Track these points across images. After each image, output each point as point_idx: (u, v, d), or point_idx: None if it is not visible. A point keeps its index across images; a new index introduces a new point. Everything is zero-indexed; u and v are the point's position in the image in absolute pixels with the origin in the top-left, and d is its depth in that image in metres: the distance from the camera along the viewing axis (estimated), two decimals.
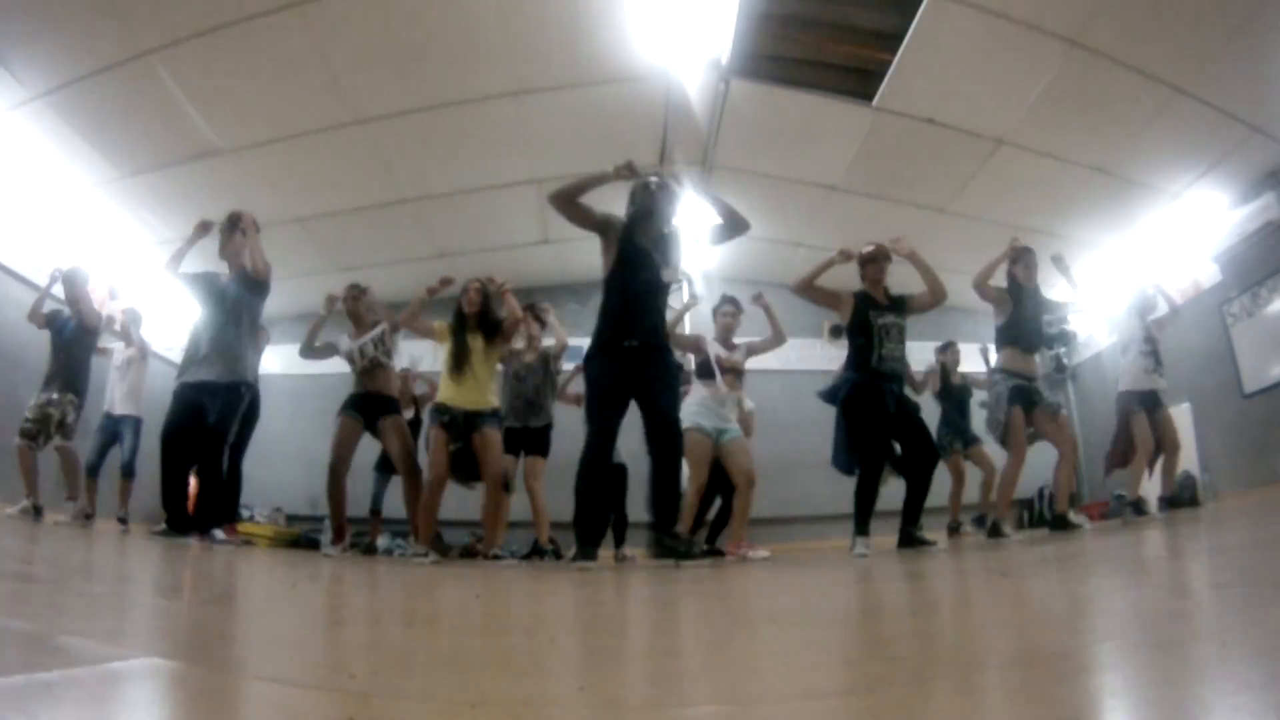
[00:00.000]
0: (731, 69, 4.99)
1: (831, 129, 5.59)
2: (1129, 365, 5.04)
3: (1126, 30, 4.43)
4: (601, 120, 5.40)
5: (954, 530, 5.61)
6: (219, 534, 3.87)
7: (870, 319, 3.88)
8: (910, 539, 3.69)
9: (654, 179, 3.37)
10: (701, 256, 6.76)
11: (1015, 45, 4.60)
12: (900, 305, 3.98)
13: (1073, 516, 4.17)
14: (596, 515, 3.15)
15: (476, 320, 4.09)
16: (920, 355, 5.85)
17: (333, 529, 4.33)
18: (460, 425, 3.93)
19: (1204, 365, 6.30)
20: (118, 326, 5.53)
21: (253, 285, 4.04)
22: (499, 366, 4.45)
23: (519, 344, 4.77)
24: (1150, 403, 4.96)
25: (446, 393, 4.00)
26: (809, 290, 3.96)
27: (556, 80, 5.02)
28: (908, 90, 5.10)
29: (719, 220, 3.42)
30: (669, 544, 2.96)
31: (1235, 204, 5.89)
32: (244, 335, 4.00)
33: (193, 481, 4.05)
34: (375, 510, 5.70)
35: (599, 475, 3.17)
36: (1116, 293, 5.63)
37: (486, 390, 4.06)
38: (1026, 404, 4.28)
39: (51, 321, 4.84)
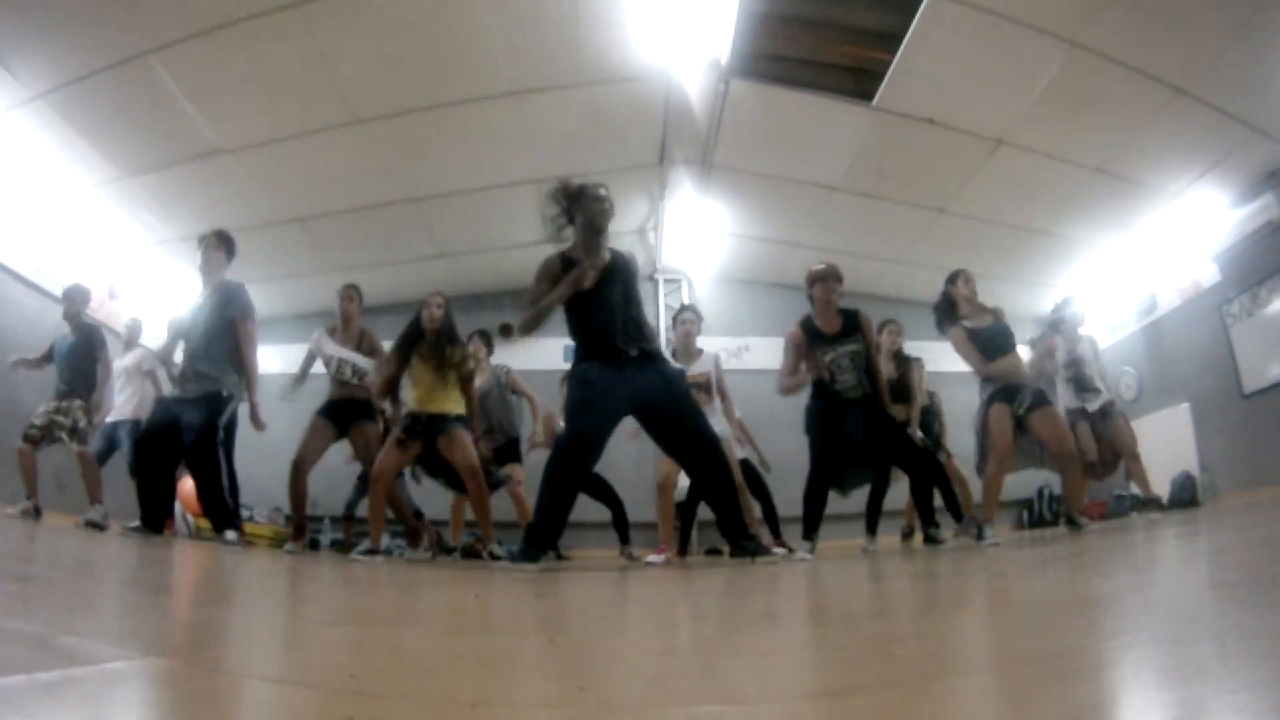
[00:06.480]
0: (731, 69, 4.99)
1: (831, 129, 5.59)
2: (1059, 391, 5.06)
3: (1126, 30, 4.43)
4: (601, 120, 5.41)
5: (906, 536, 5.56)
6: (230, 535, 3.90)
7: (817, 357, 3.82)
8: (928, 538, 3.79)
9: (602, 189, 3.30)
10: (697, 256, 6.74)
11: (1015, 45, 4.60)
12: (851, 327, 3.81)
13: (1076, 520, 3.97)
14: (562, 519, 3.07)
15: (435, 337, 3.95)
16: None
17: (293, 526, 4.36)
18: (423, 427, 3.88)
19: (1204, 365, 6.30)
20: (121, 329, 5.52)
21: (218, 304, 4.10)
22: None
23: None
24: (1096, 415, 4.95)
25: (413, 402, 4.00)
26: (793, 390, 3.95)
27: (556, 80, 5.02)
28: (908, 90, 5.10)
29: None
30: (746, 545, 3.16)
31: (1235, 204, 5.89)
32: (215, 352, 4.03)
33: (189, 482, 4.08)
34: (416, 513, 5.73)
35: (577, 477, 3.08)
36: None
37: (453, 398, 4.01)
38: (1010, 403, 3.93)
39: (49, 348, 4.89)
